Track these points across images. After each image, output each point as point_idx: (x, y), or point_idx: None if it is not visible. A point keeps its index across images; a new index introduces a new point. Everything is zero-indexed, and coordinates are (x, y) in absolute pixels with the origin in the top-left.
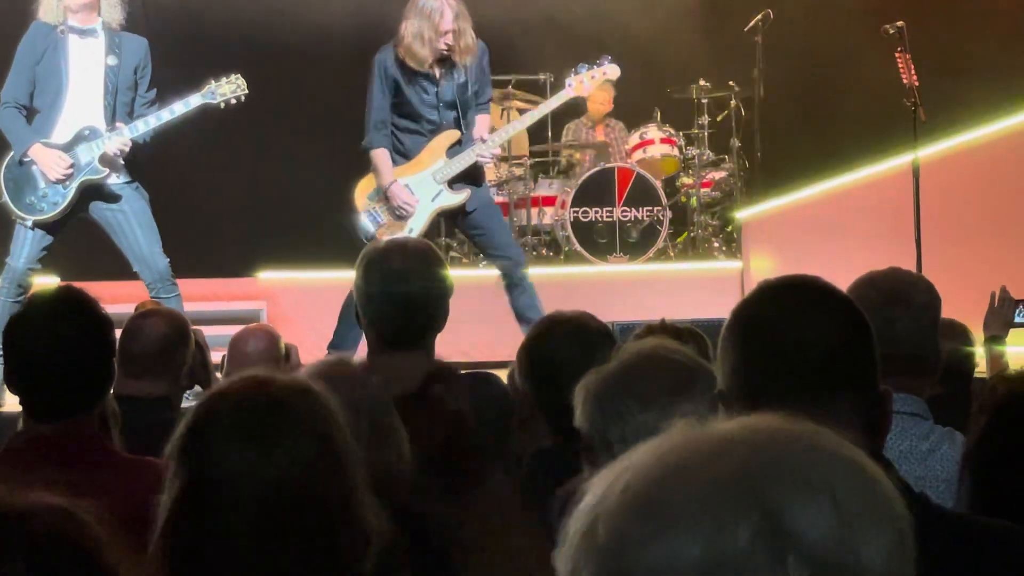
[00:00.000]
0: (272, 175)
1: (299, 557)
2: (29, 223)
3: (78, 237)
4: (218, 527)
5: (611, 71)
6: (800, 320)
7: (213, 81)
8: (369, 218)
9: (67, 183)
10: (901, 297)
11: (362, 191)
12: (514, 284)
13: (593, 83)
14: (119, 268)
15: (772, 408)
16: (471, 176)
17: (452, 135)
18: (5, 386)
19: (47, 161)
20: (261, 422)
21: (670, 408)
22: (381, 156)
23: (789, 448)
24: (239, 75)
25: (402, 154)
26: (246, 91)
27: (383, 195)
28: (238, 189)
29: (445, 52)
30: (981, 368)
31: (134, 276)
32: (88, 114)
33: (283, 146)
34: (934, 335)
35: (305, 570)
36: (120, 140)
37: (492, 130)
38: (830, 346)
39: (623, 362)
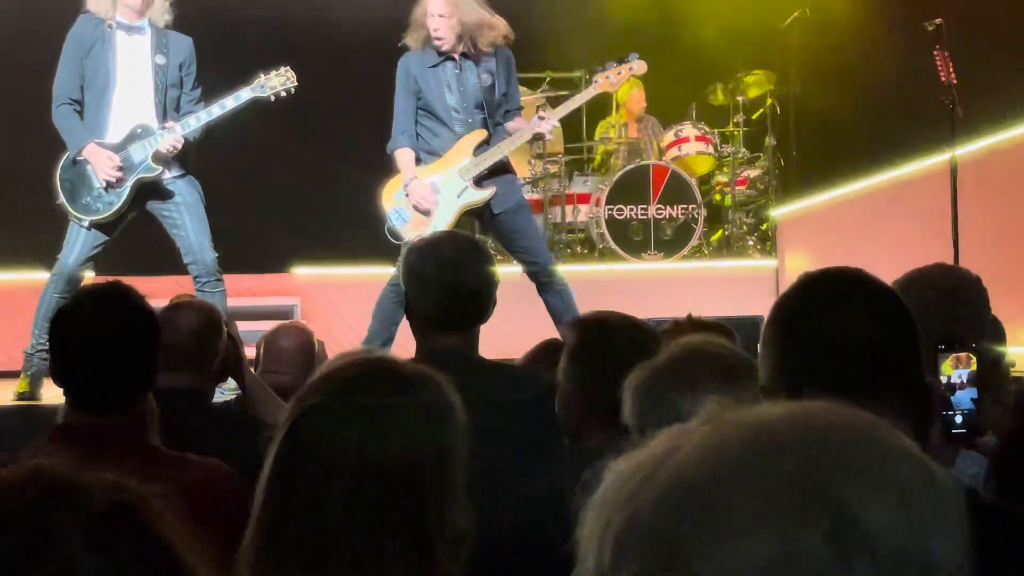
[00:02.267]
0: (307, 171)
1: (391, 540)
2: (86, 223)
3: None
4: (313, 498)
5: (637, 67)
6: (843, 312)
7: (263, 74)
8: (396, 215)
9: (122, 183)
10: (961, 294)
11: (389, 190)
12: (544, 287)
13: (620, 79)
14: (154, 263)
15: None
16: (500, 174)
17: (479, 134)
18: (42, 380)
19: (98, 162)
20: (378, 400)
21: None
22: (403, 155)
23: (852, 442)
24: (288, 67)
25: (430, 153)
26: (295, 83)
27: (405, 193)
28: (273, 185)
29: (436, 38)
30: (1019, 368)
31: (168, 271)
32: (139, 112)
33: (317, 142)
34: (986, 330)
35: (397, 554)
36: (173, 138)
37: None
38: (873, 338)
39: (671, 356)
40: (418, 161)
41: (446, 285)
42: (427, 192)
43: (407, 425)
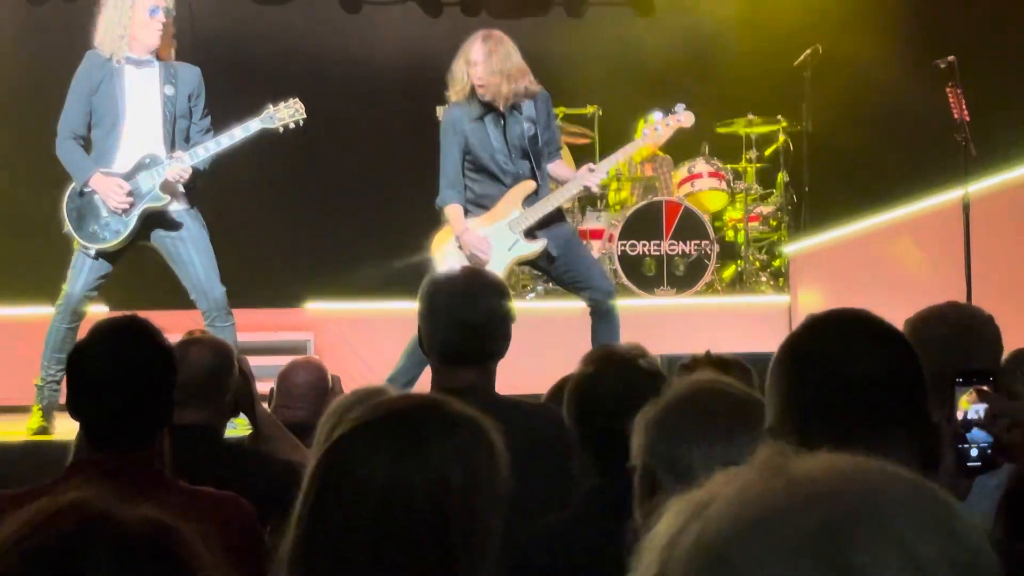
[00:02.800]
0: (320, 205)
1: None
2: (92, 252)
3: (127, 265)
4: (343, 528)
5: (685, 119)
6: (848, 353)
7: (271, 105)
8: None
9: (129, 212)
10: (974, 331)
11: (438, 243)
12: (601, 316)
13: (668, 131)
14: (167, 297)
15: (822, 442)
16: (551, 221)
17: (528, 186)
18: (54, 412)
19: (107, 190)
20: (415, 434)
21: (734, 439)
22: (452, 210)
23: (877, 505)
24: (297, 99)
25: (479, 206)
26: (304, 115)
27: (458, 245)
28: (286, 218)
29: (478, 86)
30: None
31: (181, 305)
32: (148, 143)
33: (331, 176)
34: (1000, 368)
35: None
36: (180, 167)
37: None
38: (879, 378)
39: (682, 393)
40: (465, 214)
41: (454, 319)
42: (482, 242)
43: (441, 462)
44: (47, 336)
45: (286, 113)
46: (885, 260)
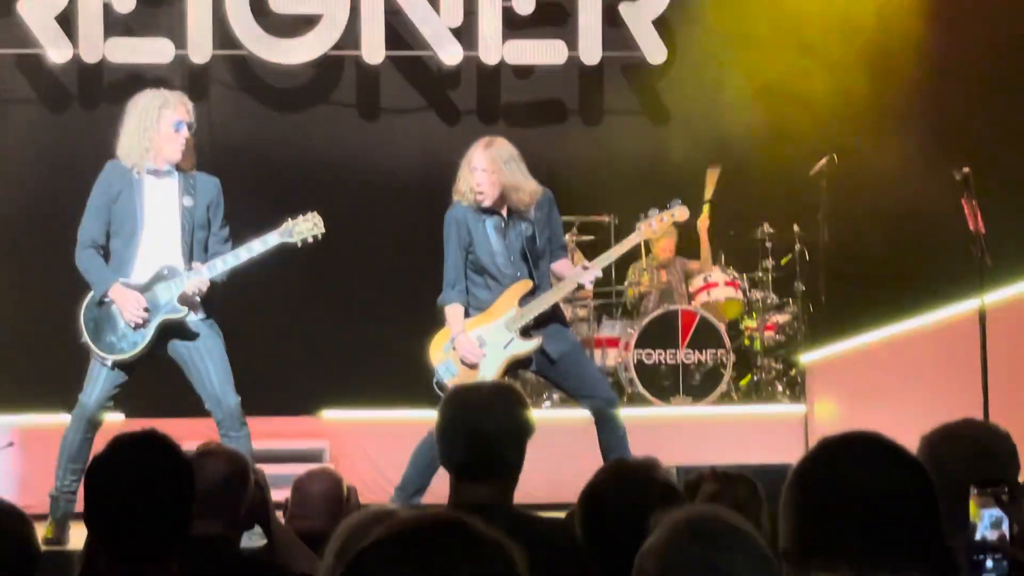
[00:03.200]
0: (337, 312)
1: None
2: (109, 362)
3: (142, 373)
4: None
5: (679, 213)
6: (860, 478)
7: (290, 219)
8: (443, 369)
9: (146, 324)
10: (991, 449)
11: (436, 344)
12: (604, 422)
13: (662, 225)
14: (182, 405)
15: (837, 566)
16: (551, 322)
17: (524, 285)
18: (69, 524)
19: (124, 303)
20: (439, 554)
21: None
22: (452, 311)
23: None
24: (316, 213)
25: (477, 307)
26: (323, 230)
27: (452, 346)
28: (302, 325)
29: (479, 193)
30: None
31: (197, 413)
32: (166, 253)
33: (348, 283)
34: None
35: None
36: (199, 280)
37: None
38: (892, 503)
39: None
40: (467, 314)
41: (467, 433)
42: (472, 346)
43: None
44: (61, 446)
45: (305, 227)
46: (901, 370)
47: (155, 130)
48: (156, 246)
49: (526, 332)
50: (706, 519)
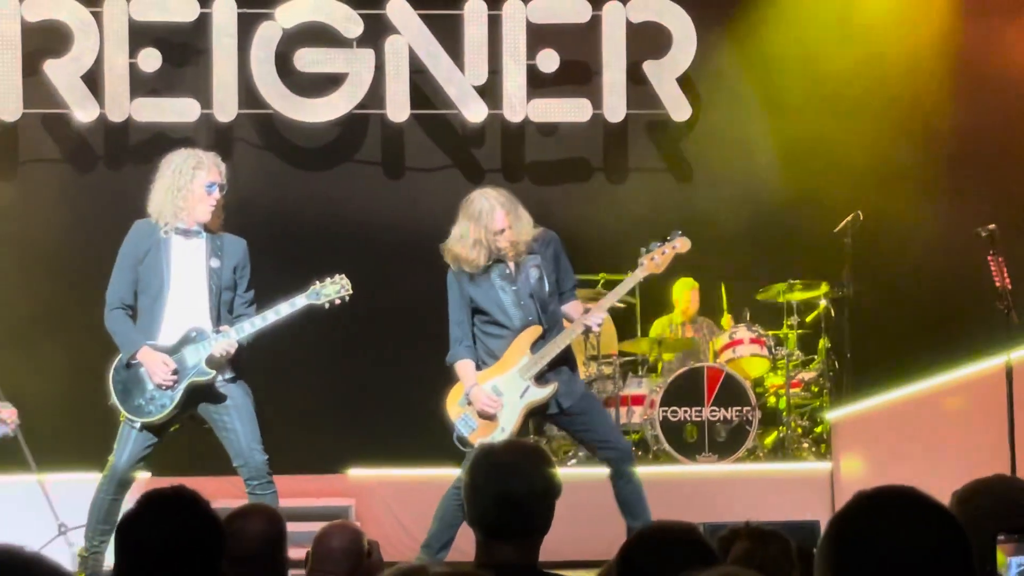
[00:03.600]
0: (360, 371)
1: None
2: (137, 425)
3: (169, 432)
4: None
5: (680, 244)
6: (897, 534)
7: (318, 282)
8: (462, 424)
9: (174, 387)
10: (1020, 504)
11: (451, 400)
12: (623, 479)
13: (664, 259)
14: (210, 463)
15: None
16: (560, 367)
17: (534, 331)
18: None
19: (153, 366)
20: None
21: None
22: (462, 367)
23: None
24: (343, 275)
25: (490, 355)
26: (350, 291)
27: (468, 401)
28: (328, 384)
29: (502, 251)
30: None
31: (224, 471)
32: (193, 315)
33: (373, 341)
34: None
35: None
36: (227, 343)
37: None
38: (928, 560)
39: None
40: (481, 365)
41: (494, 493)
42: (488, 397)
43: None
44: (91, 507)
45: (332, 289)
46: (928, 427)
47: (188, 190)
48: (183, 307)
49: (540, 378)
50: None
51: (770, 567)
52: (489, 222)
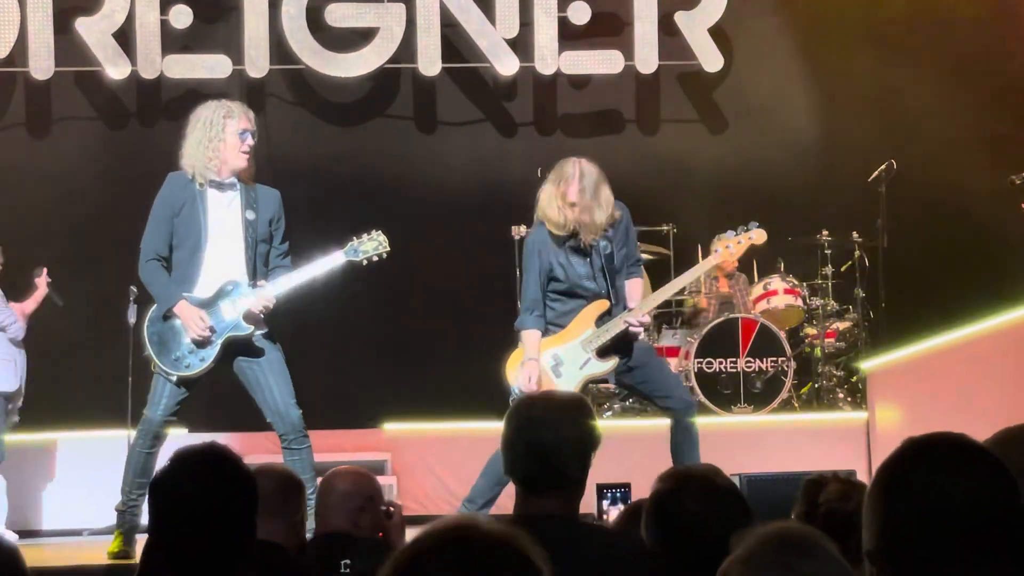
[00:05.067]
0: (397, 325)
1: None
2: (174, 378)
3: (205, 387)
4: None
5: (757, 236)
6: (947, 480)
7: (355, 238)
8: (518, 391)
9: (212, 340)
10: None
11: (512, 363)
12: (681, 428)
13: (740, 248)
14: (245, 419)
15: (921, 568)
16: (625, 339)
17: (601, 305)
18: (135, 537)
19: (190, 320)
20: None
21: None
22: (529, 336)
23: None
24: (380, 232)
25: (559, 325)
26: (388, 248)
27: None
28: (364, 339)
29: (576, 224)
30: None
31: (259, 427)
32: (230, 268)
33: (407, 296)
34: None
35: None
36: (265, 297)
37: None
38: (978, 508)
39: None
40: (547, 332)
41: (524, 444)
42: (530, 377)
43: None
44: (127, 461)
45: (370, 246)
46: (963, 375)
47: (220, 139)
48: (219, 260)
49: (603, 352)
50: (791, 531)
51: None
52: (565, 189)
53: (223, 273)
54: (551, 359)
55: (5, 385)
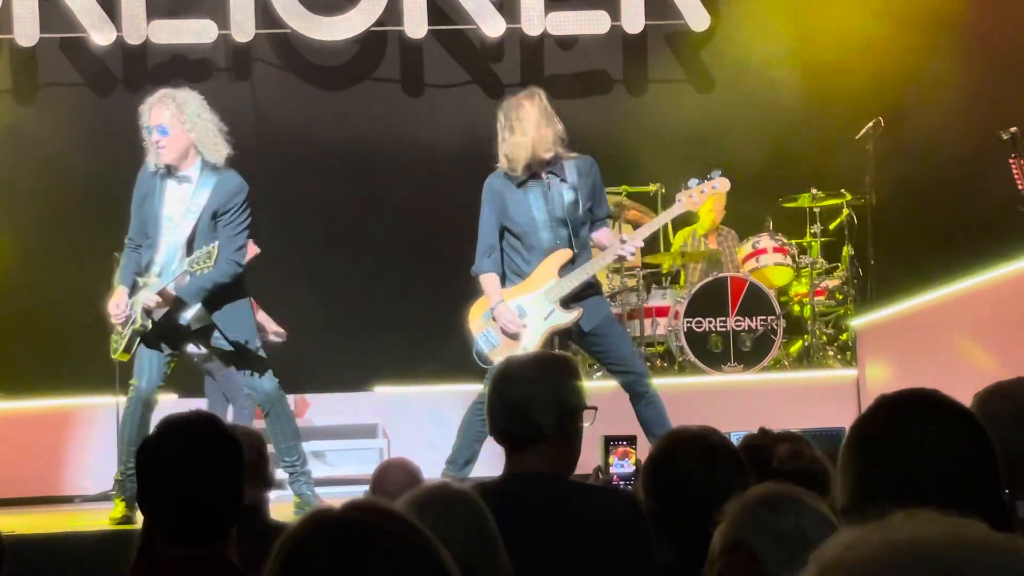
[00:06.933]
0: (386, 288)
1: None
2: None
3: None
4: None
5: (721, 184)
6: (920, 435)
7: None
8: (483, 340)
9: (123, 330)
10: None
11: (475, 314)
12: (639, 396)
13: (703, 197)
14: None
15: None
16: (587, 292)
17: (564, 254)
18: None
19: (109, 307)
20: (351, 545)
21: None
22: (488, 280)
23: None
24: (216, 245)
25: (517, 274)
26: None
27: (491, 316)
28: (352, 304)
29: (504, 155)
30: None
31: None
32: (176, 256)
33: (395, 259)
34: None
35: None
36: (149, 296)
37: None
38: (951, 460)
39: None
40: (504, 281)
41: (500, 400)
42: (513, 316)
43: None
44: (120, 429)
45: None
46: (952, 331)
47: (144, 136)
48: (169, 249)
49: (566, 303)
50: (774, 491)
51: (817, 467)
52: (518, 122)
53: (170, 262)
54: (515, 310)
55: None
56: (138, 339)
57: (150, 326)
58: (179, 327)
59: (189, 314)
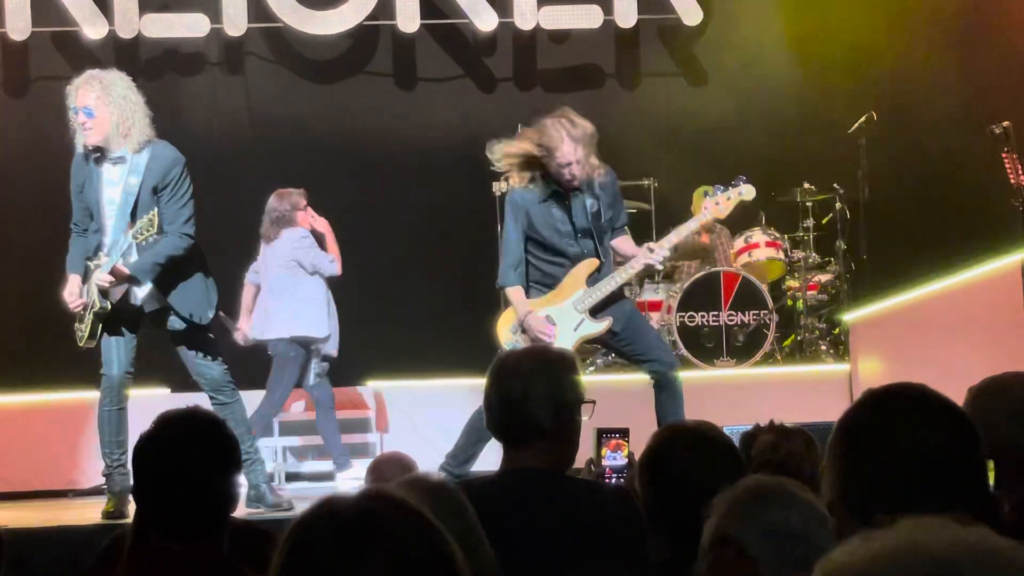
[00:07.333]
0: (378, 282)
1: None
2: (91, 344)
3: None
4: None
5: (747, 192)
6: (906, 429)
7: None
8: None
9: (83, 317)
10: None
11: (503, 325)
12: (664, 387)
13: (729, 204)
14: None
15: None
16: (612, 297)
17: (591, 264)
18: (128, 497)
19: (65, 295)
20: (356, 532)
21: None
22: (515, 292)
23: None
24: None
25: (544, 285)
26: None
27: (521, 328)
28: (345, 298)
29: (571, 183)
30: None
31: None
32: (122, 235)
33: (388, 254)
34: None
35: None
36: (102, 275)
37: None
38: (937, 455)
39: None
40: (529, 292)
41: (498, 396)
42: (544, 325)
43: (387, 550)
44: (99, 424)
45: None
46: (945, 326)
47: (72, 119)
48: (114, 231)
49: (594, 312)
50: (764, 484)
51: (794, 459)
52: (555, 148)
53: (117, 244)
54: (544, 319)
55: (315, 330)
56: (100, 323)
57: (109, 307)
58: (137, 309)
59: (142, 293)
